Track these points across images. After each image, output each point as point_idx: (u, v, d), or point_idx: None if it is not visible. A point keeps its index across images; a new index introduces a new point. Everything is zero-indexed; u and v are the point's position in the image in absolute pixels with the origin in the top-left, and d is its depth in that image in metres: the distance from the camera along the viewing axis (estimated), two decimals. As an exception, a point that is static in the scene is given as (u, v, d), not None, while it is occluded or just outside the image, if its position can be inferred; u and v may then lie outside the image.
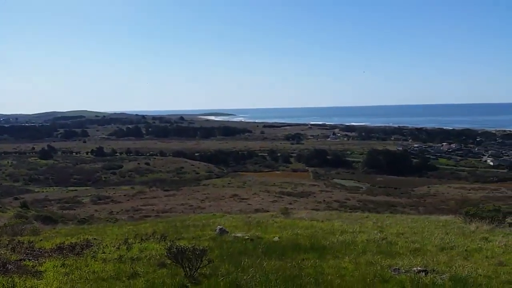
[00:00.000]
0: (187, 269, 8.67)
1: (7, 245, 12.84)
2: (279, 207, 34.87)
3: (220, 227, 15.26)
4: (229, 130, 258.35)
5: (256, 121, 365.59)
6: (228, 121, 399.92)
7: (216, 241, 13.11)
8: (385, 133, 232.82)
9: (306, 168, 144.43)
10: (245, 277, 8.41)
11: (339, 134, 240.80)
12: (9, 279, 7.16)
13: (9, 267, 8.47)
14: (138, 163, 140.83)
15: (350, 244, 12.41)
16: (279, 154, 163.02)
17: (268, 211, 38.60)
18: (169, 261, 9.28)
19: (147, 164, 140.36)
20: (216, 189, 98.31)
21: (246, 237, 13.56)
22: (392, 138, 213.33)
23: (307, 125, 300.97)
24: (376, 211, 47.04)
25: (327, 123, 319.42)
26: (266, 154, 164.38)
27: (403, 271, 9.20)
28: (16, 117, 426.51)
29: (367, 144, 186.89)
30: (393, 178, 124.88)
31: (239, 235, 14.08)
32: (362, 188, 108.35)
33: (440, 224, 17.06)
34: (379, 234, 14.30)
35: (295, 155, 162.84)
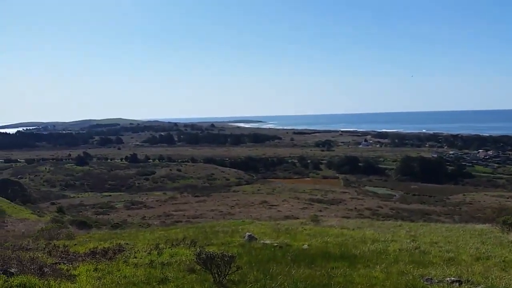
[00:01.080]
0: (216, 275, 8.72)
1: (44, 248, 13.33)
2: (309, 214, 34.55)
3: (249, 233, 15.27)
4: (259, 137, 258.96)
5: (286, 128, 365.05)
6: (258, 128, 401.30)
7: (245, 247, 13.11)
8: (419, 139, 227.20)
9: (337, 175, 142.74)
10: (273, 285, 8.38)
11: (371, 141, 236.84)
12: (45, 282, 7.41)
13: (45, 270, 8.77)
14: (170, 170, 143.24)
15: (382, 253, 12.14)
16: (309, 161, 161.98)
17: (297, 218, 38.30)
18: (198, 267, 9.36)
19: (179, 170, 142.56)
20: (245, 195, 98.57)
21: (275, 244, 13.50)
22: (427, 145, 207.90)
23: (337, 131, 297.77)
24: (410, 220, 45.86)
25: (358, 129, 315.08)
26: (296, 161, 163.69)
27: (436, 281, 8.92)
28: (54, 124, 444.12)
29: (401, 151, 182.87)
30: (427, 185, 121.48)
31: (268, 242, 14.03)
32: (395, 196, 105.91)
33: (476, 233, 16.44)
34: (412, 243, 13.93)
35: (325, 162, 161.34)
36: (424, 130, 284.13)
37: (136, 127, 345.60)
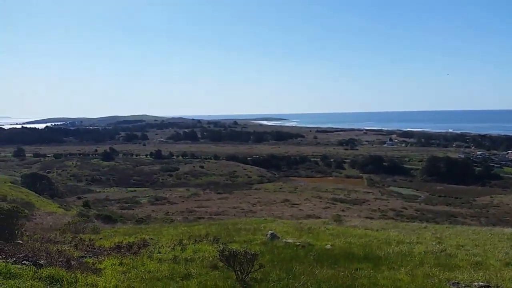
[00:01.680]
0: (239, 272, 8.75)
1: (71, 241, 13.67)
2: (331, 214, 34.32)
3: (271, 232, 15.26)
4: (281, 135, 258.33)
5: (309, 126, 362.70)
6: (280, 125, 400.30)
7: (267, 246, 13.11)
8: (446, 139, 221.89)
9: (360, 174, 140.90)
10: (296, 284, 8.34)
11: (396, 140, 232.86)
12: (72, 275, 7.57)
13: (72, 263, 8.98)
14: (193, 166, 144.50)
15: (407, 255, 11.93)
16: (332, 160, 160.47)
17: (320, 218, 38.06)
18: (221, 264, 9.41)
19: (202, 167, 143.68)
20: (267, 193, 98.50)
21: (297, 244, 13.46)
22: (454, 145, 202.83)
23: (361, 130, 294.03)
24: (435, 221, 44.93)
25: (383, 128, 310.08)
26: (319, 160, 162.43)
27: (463, 285, 8.70)
28: (81, 120, 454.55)
29: (427, 151, 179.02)
30: (453, 187, 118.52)
31: (290, 241, 13.99)
32: (420, 197, 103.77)
33: (505, 237, 15.95)
34: (437, 245, 13.65)
35: (348, 161, 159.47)
36: (451, 130, 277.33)
37: (161, 124, 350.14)
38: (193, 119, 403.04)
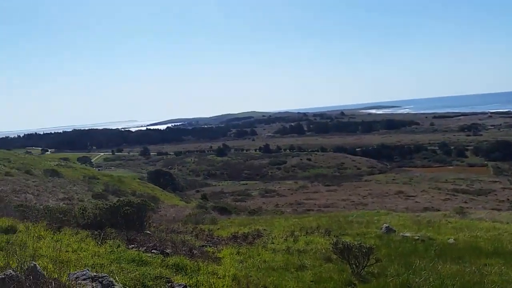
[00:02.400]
0: (354, 266, 8.55)
1: (192, 232, 14.73)
2: (453, 206, 31.74)
3: (386, 225, 14.63)
4: (393, 123, 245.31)
5: (424, 112, 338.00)
6: (392, 113, 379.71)
7: (383, 239, 12.62)
8: None
9: (485, 162, 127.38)
10: (417, 280, 7.87)
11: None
12: (195, 263, 8.13)
13: (195, 252, 9.66)
14: (301, 159, 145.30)
15: (547, 252, 10.50)
16: (452, 148, 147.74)
17: (439, 210, 35.53)
18: (334, 256, 9.30)
19: (309, 159, 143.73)
20: (379, 185, 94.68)
21: (416, 238, 12.71)
22: None
23: (486, 113, 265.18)
24: None
25: None
26: (437, 148, 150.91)
27: None
28: (197, 120, 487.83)
29: None
30: None
31: (407, 234, 13.27)
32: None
33: None
34: None
35: (471, 148, 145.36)
36: None
37: (268, 119, 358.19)
38: (298, 113, 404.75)
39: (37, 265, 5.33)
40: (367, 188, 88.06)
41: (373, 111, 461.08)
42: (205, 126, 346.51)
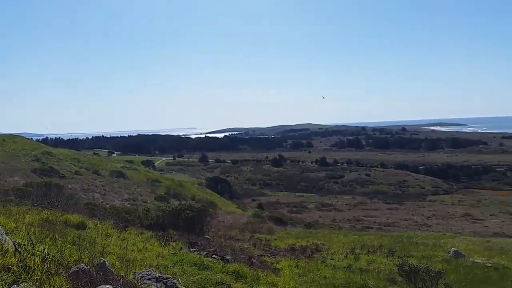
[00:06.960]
0: (421, 290, 8.04)
1: (249, 240, 14.73)
2: (528, 234, 29.10)
3: (455, 249, 13.73)
4: (459, 142, 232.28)
5: (493, 131, 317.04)
6: (457, 131, 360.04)
7: (451, 264, 11.83)
8: None
9: None
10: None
11: None
12: (254, 272, 8.05)
13: (253, 261, 9.59)
14: (359, 174, 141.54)
15: None
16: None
17: (511, 237, 32.86)
18: (400, 278, 8.83)
19: (368, 175, 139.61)
20: (444, 206, 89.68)
21: (489, 265, 11.78)
22: None
23: None
24: None
25: None
26: (507, 169, 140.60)
27: None
28: (254, 130, 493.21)
29: None
30: None
31: (478, 261, 12.35)
32: None
33: None
34: None
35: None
36: None
37: (325, 132, 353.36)
38: (357, 127, 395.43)
39: (106, 262, 5.52)
40: (431, 209, 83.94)
41: (437, 128, 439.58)
42: (261, 136, 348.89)
